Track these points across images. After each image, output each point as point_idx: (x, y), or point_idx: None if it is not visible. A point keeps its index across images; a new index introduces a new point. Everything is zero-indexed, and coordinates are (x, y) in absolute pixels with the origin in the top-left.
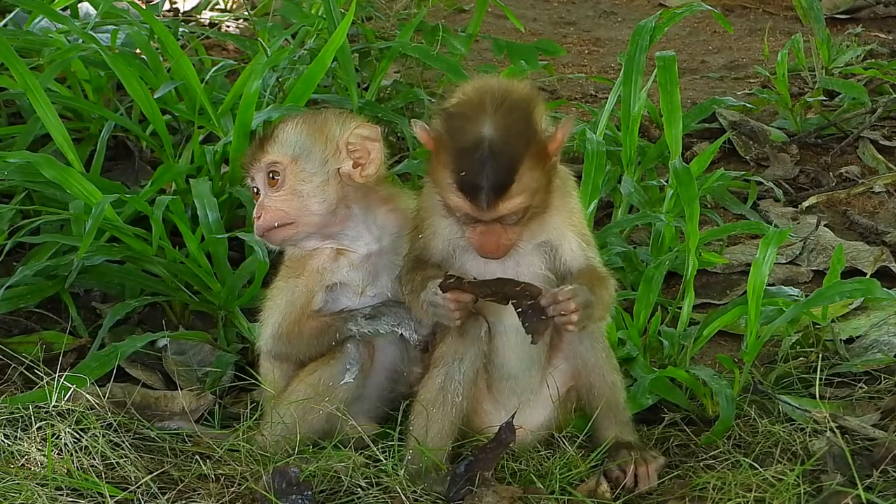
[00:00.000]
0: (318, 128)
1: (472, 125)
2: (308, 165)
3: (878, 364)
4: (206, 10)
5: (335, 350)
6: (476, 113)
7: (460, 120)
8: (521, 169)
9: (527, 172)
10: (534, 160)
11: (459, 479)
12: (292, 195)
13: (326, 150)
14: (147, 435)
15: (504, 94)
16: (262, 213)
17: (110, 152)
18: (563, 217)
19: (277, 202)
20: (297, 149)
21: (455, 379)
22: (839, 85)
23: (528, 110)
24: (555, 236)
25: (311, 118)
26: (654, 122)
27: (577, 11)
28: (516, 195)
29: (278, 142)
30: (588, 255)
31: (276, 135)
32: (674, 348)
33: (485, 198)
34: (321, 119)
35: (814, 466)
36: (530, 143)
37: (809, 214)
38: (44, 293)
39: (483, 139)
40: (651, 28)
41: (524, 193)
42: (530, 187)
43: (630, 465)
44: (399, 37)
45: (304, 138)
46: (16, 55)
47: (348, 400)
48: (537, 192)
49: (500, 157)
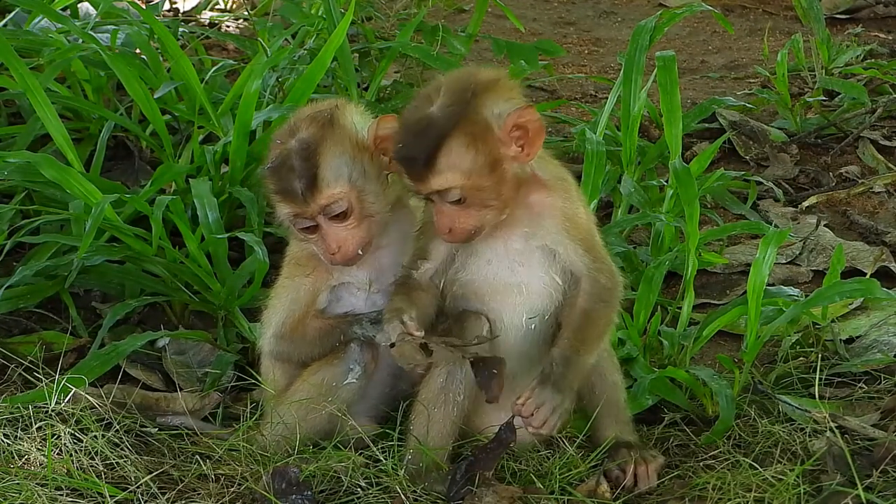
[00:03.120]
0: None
1: (421, 104)
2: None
3: (878, 364)
4: (206, 10)
5: (338, 350)
6: (428, 94)
7: (415, 101)
8: (448, 144)
9: (457, 149)
10: (467, 138)
11: (460, 479)
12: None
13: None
14: (147, 435)
15: (457, 79)
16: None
17: (110, 152)
18: (559, 221)
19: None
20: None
21: (457, 378)
22: (839, 85)
23: (473, 92)
24: (551, 241)
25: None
26: (654, 122)
27: (577, 11)
28: (446, 170)
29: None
30: (587, 262)
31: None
32: (674, 348)
33: (416, 169)
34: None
35: (814, 466)
36: (461, 122)
37: (809, 214)
38: (44, 293)
39: (423, 116)
40: (651, 28)
41: (454, 170)
42: (461, 165)
43: (630, 464)
44: (399, 37)
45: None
46: (16, 55)
47: (351, 400)
48: (474, 172)
49: (429, 131)
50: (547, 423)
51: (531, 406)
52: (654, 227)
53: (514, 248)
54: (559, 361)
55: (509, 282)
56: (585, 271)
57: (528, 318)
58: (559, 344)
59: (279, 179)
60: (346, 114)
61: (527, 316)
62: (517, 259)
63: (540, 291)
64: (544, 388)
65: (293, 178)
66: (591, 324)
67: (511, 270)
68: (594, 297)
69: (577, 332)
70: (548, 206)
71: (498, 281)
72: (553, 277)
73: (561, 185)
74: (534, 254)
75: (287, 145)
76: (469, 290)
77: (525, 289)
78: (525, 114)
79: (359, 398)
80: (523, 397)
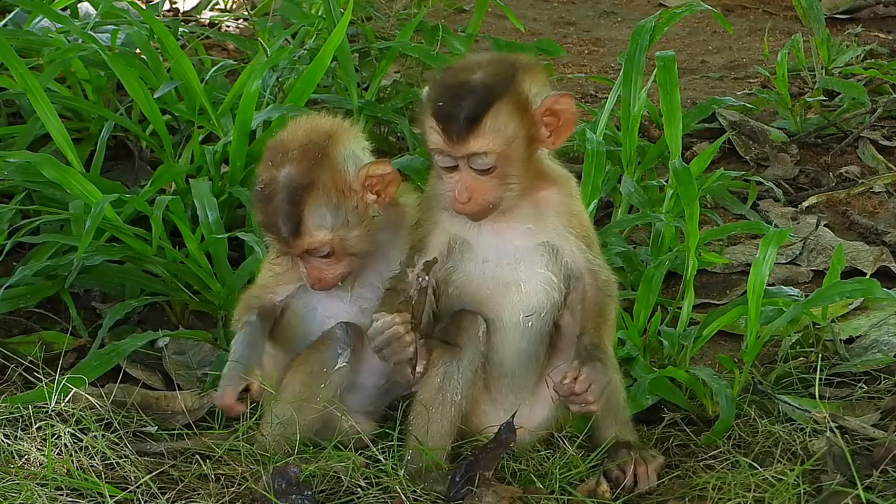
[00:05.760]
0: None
1: (463, 73)
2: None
3: (878, 364)
4: (206, 10)
5: (324, 337)
6: (469, 65)
7: (454, 69)
8: (496, 107)
9: (503, 113)
10: (511, 107)
11: (460, 479)
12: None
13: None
14: (147, 435)
15: (500, 56)
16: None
17: (110, 152)
18: (564, 219)
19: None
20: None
21: (454, 378)
22: (839, 85)
23: (516, 68)
24: (554, 237)
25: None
26: (654, 122)
27: (577, 11)
28: (488, 132)
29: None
30: (589, 258)
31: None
32: (674, 348)
33: (457, 127)
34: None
35: (814, 466)
36: (510, 92)
37: (809, 214)
38: (44, 293)
39: (468, 80)
40: (651, 28)
41: (496, 134)
42: (504, 132)
43: (630, 464)
44: (399, 37)
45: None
46: (16, 55)
47: (344, 386)
48: (512, 142)
49: (477, 91)
50: (598, 399)
51: (585, 383)
52: (654, 227)
53: (515, 245)
54: (591, 346)
55: (507, 280)
56: (588, 267)
57: (525, 316)
58: (583, 338)
59: (265, 215)
60: (340, 146)
61: (524, 314)
62: (517, 256)
63: (537, 289)
64: (593, 366)
65: (278, 219)
66: (604, 316)
67: (510, 268)
68: (601, 291)
69: (595, 325)
70: (553, 201)
71: (496, 279)
72: (551, 275)
73: (566, 182)
74: (534, 250)
75: (277, 174)
76: (465, 290)
77: (523, 286)
78: (563, 101)
79: (353, 387)
80: (570, 376)
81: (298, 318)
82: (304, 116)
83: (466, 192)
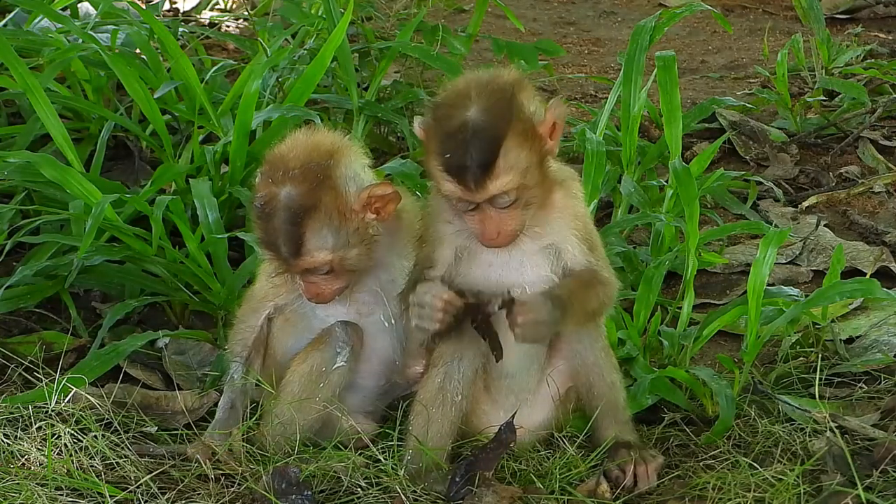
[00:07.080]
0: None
1: (457, 111)
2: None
3: (878, 364)
4: (206, 10)
5: (323, 336)
6: (461, 99)
7: (446, 108)
8: (506, 145)
9: (512, 150)
10: (519, 138)
11: (460, 479)
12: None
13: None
14: (147, 435)
15: (488, 81)
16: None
17: (110, 152)
18: (567, 220)
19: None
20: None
21: (454, 378)
22: (839, 85)
23: (511, 92)
24: (558, 239)
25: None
26: (654, 122)
27: (577, 11)
28: (504, 173)
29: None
30: (590, 258)
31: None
32: (674, 348)
33: (472, 177)
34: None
35: (814, 466)
36: (513, 122)
37: (809, 214)
38: (44, 293)
39: (467, 121)
40: (651, 28)
41: (512, 171)
42: (518, 166)
43: (630, 464)
44: (399, 37)
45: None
46: (16, 55)
47: (343, 385)
48: (528, 171)
49: (482, 134)
50: (532, 327)
51: (527, 312)
52: (654, 227)
53: (521, 249)
54: (555, 295)
55: (512, 282)
56: (587, 265)
57: None
58: (557, 287)
59: (264, 233)
60: (342, 166)
61: None
62: (522, 259)
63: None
64: (545, 299)
65: (278, 238)
66: (586, 290)
67: (516, 272)
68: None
69: (573, 288)
70: (560, 204)
71: (501, 282)
72: (553, 277)
73: (571, 183)
74: (539, 253)
75: (277, 192)
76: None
77: (527, 290)
78: (559, 110)
79: (352, 387)
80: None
81: (298, 317)
82: (303, 130)
83: (494, 230)
